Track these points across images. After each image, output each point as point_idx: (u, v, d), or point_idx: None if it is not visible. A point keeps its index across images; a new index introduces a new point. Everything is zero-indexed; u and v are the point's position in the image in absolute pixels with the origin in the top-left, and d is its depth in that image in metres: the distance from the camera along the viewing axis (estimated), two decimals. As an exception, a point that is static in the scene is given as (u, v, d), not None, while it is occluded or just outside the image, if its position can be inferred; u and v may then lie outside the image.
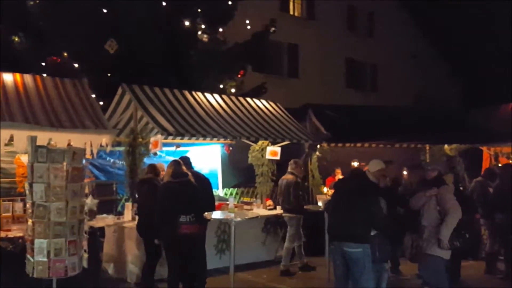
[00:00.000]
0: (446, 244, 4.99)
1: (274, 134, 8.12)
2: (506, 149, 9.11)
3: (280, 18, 14.24)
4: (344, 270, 4.81)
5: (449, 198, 5.09)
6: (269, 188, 8.55)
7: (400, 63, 19.75)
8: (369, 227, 4.68)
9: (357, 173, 5.17)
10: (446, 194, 5.11)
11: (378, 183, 5.10)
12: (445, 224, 4.99)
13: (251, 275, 7.02)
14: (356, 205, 4.64)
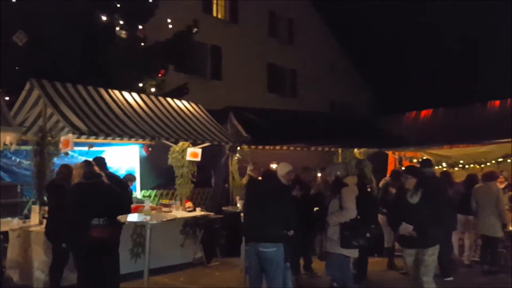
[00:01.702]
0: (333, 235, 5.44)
1: (195, 136, 8.09)
2: (409, 153, 9.92)
3: (203, 19, 14.20)
4: (258, 270, 4.94)
5: (347, 198, 5.43)
6: (189, 190, 8.49)
7: (318, 70, 20.68)
8: (283, 227, 4.85)
9: (269, 175, 5.30)
10: (345, 195, 5.45)
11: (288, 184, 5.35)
12: (335, 215, 5.39)
13: (167, 278, 6.93)
14: (269, 206, 4.79)
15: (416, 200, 5.04)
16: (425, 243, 5.02)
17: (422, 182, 5.09)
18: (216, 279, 7.03)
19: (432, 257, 5.09)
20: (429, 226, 4.96)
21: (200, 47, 15.43)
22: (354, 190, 5.77)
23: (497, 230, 7.21)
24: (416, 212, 5.00)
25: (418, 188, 5.05)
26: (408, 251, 5.20)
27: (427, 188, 5.10)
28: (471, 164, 8.82)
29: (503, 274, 7.18)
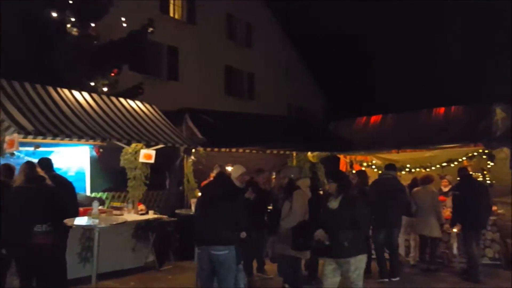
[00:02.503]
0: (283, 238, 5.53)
1: (148, 137, 7.94)
2: (359, 157, 10.24)
3: (160, 19, 14.03)
4: (209, 273, 4.94)
5: (296, 202, 5.55)
6: (141, 193, 8.34)
7: (275, 74, 20.93)
8: (235, 230, 4.87)
9: (222, 177, 5.31)
10: (295, 198, 5.57)
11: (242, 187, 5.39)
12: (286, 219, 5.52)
13: (117, 283, 6.78)
14: (221, 208, 4.80)
15: (335, 206, 4.77)
16: (341, 252, 4.66)
17: (342, 187, 4.82)
18: (168, 283, 6.95)
19: (356, 272, 4.73)
20: (346, 234, 4.59)
21: (156, 47, 15.21)
22: (306, 193, 5.91)
23: (435, 230, 7.61)
24: (334, 218, 4.72)
25: (339, 193, 4.79)
26: (327, 259, 4.88)
27: (347, 193, 4.82)
28: (417, 168, 9.22)
29: (443, 273, 7.58)
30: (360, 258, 4.76)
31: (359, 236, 4.74)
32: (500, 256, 8.06)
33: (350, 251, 4.65)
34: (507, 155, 7.93)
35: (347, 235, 4.58)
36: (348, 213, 4.64)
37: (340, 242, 4.58)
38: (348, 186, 4.95)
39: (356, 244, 4.67)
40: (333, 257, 4.77)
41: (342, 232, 4.59)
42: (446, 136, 8.57)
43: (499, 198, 8.70)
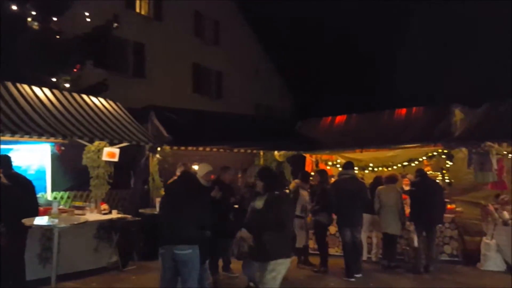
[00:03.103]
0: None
1: (112, 135, 7.79)
2: (324, 156, 10.40)
3: (125, 15, 13.77)
4: (172, 274, 4.89)
5: None
6: (105, 192, 8.16)
7: (244, 73, 20.92)
8: (199, 228, 4.85)
9: (187, 176, 5.26)
10: None
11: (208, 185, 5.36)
12: None
13: (79, 284, 6.63)
14: (186, 207, 4.77)
15: (260, 206, 4.51)
16: (263, 254, 4.40)
17: (268, 186, 4.56)
18: (131, 283, 6.85)
19: (271, 274, 4.37)
20: (268, 235, 4.32)
21: (121, 43, 14.91)
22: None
23: (397, 228, 7.86)
24: (258, 218, 4.48)
25: (265, 192, 4.54)
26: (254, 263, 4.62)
27: (273, 192, 4.52)
28: (380, 167, 9.46)
29: (401, 269, 7.84)
30: (281, 262, 4.41)
31: (283, 238, 4.41)
32: (458, 252, 8.41)
33: (271, 254, 4.36)
34: (465, 155, 8.23)
35: (269, 237, 4.30)
36: (273, 213, 4.36)
37: (262, 243, 4.32)
38: (274, 184, 4.64)
39: (278, 247, 4.36)
40: (256, 259, 4.53)
41: (264, 233, 4.32)
42: (407, 136, 8.82)
43: (457, 196, 9.08)
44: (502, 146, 8.06)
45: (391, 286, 6.97)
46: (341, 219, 7.38)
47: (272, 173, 5.07)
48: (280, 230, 4.35)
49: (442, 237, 8.47)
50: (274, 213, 4.36)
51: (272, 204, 4.42)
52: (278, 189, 4.62)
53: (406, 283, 7.15)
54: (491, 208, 7.83)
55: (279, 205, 4.45)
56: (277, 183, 4.76)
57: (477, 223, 8.36)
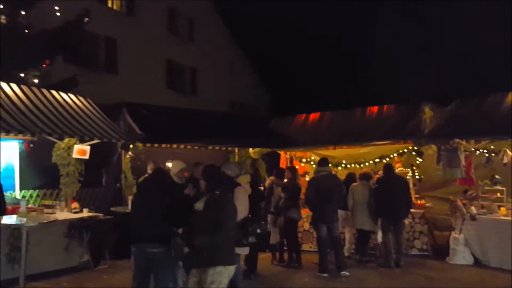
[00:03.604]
0: None
1: (82, 132, 7.62)
2: (299, 153, 10.48)
3: (97, 10, 13.48)
4: (145, 272, 4.82)
5: (238, 197, 5.57)
6: (75, 190, 8.00)
7: (219, 70, 20.85)
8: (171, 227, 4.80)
9: (160, 173, 5.20)
10: (238, 195, 5.59)
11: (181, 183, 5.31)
12: None
13: (49, 284, 6.49)
14: (159, 205, 4.71)
15: (201, 207, 4.20)
16: (199, 261, 4.05)
17: (212, 186, 4.25)
18: (103, 283, 6.74)
19: (213, 285, 4.01)
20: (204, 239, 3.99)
21: (93, 38, 14.59)
22: (247, 189, 5.93)
23: (370, 224, 8.02)
24: (197, 221, 4.16)
25: (207, 193, 4.27)
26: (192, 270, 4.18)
27: (214, 193, 4.21)
28: (352, 164, 9.60)
29: (373, 264, 8.01)
30: (220, 270, 4.03)
31: (223, 243, 4.06)
32: (428, 247, 8.64)
33: (209, 260, 4.00)
34: (435, 152, 8.43)
35: (205, 241, 3.96)
36: (212, 215, 4.02)
37: (199, 248, 3.97)
38: (217, 184, 4.29)
39: (217, 253, 4.00)
40: (193, 266, 4.13)
41: (202, 237, 3.97)
42: (379, 133, 8.97)
43: (427, 192, 9.31)
44: (470, 143, 8.30)
45: (362, 280, 7.09)
46: (318, 216, 7.42)
47: (216, 171, 4.69)
48: (218, 233, 3.98)
49: (412, 232, 8.69)
50: (213, 215, 4.00)
51: (211, 205, 4.09)
52: (220, 189, 4.26)
53: (377, 277, 7.30)
54: (460, 204, 8.05)
55: (219, 206, 4.10)
56: (220, 183, 4.39)
57: (446, 218, 8.59)
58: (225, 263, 4.05)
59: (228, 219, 4.15)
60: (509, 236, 7.43)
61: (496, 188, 8.34)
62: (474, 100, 8.59)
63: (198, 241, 3.97)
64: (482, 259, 7.86)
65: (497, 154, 8.21)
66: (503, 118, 7.77)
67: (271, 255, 8.09)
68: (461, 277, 7.20)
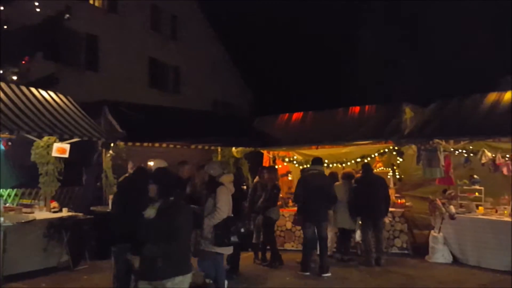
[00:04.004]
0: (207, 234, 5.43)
1: (62, 130, 7.49)
2: (282, 152, 10.51)
3: (78, 6, 13.29)
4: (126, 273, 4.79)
5: (219, 198, 5.56)
6: (54, 189, 7.88)
7: (202, 69, 20.76)
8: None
9: (142, 172, 5.14)
10: (219, 194, 5.58)
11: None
12: (210, 216, 5.48)
13: (27, 285, 6.38)
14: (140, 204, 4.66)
15: (152, 214, 3.81)
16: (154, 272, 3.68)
17: (165, 190, 3.87)
18: (83, 283, 6.66)
19: None
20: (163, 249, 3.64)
21: (74, 35, 14.38)
22: (230, 188, 5.91)
23: (352, 223, 8.10)
24: (149, 230, 3.76)
25: (159, 198, 3.85)
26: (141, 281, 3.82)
27: (168, 199, 3.82)
28: (335, 164, 9.67)
29: (354, 262, 8.09)
30: (179, 281, 3.73)
31: (180, 252, 3.78)
32: (408, 245, 8.76)
33: (166, 271, 3.68)
34: (415, 152, 8.55)
35: (159, 251, 3.65)
36: (166, 224, 3.69)
37: (155, 259, 3.63)
38: (171, 188, 3.90)
39: (175, 262, 3.72)
40: (145, 278, 3.77)
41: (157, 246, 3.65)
42: (361, 133, 9.04)
43: (407, 191, 9.45)
44: (449, 143, 8.45)
45: (343, 279, 7.16)
46: (307, 214, 7.40)
47: (169, 174, 4.29)
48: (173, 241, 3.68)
49: (393, 231, 8.80)
50: (168, 224, 3.69)
51: (165, 213, 3.75)
52: (175, 194, 3.88)
53: (358, 275, 7.37)
54: (439, 203, 8.19)
55: (174, 213, 3.77)
56: (175, 187, 3.97)
57: (426, 217, 8.73)
58: (184, 272, 3.79)
59: (185, 226, 3.86)
60: (487, 235, 7.60)
61: (475, 188, 8.52)
62: (454, 101, 8.74)
63: (151, 251, 3.65)
64: (461, 257, 8.01)
65: (476, 154, 8.38)
66: (481, 119, 7.93)
67: (253, 254, 8.10)
68: (440, 275, 7.33)
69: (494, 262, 7.50)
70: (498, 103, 8.02)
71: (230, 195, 5.88)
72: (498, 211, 8.02)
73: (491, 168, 8.19)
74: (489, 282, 6.85)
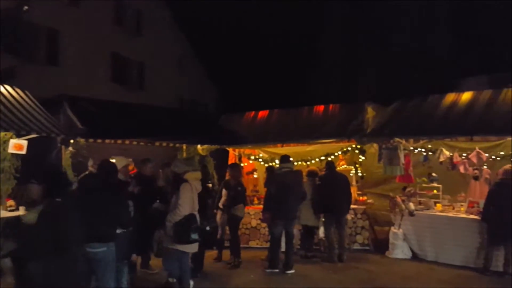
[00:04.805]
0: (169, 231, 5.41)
1: (18, 125, 7.17)
2: (247, 150, 10.51)
3: (38, -2, 12.80)
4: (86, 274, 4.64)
5: (181, 195, 5.51)
6: (11, 187, 7.54)
7: (168, 65, 20.46)
8: (115, 225, 4.66)
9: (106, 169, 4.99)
10: (181, 191, 5.53)
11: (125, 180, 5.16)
12: (172, 213, 5.42)
13: (-20, 287, 6.06)
14: (100, 203, 4.55)
15: (32, 219, 3.22)
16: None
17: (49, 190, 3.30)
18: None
19: None
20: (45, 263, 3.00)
21: (33, 28, 13.82)
22: (196, 186, 5.87)
23: (316, 220, 8.21)
24: (29, 238, 3.17)
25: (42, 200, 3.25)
26: None
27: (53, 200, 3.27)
28: (299, 161, 9.76)
29: (317, 259, 8.22)
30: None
31: (66, 267, 3.20)
32: (369, 242, 8.97)
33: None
34: (376, 150, 8.75)
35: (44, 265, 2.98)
36: (49, 231, 3.09)
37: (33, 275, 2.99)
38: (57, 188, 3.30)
39: (60, 279, 3.11)
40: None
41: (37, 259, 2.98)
42: (325, 132, 9.16)
43: (369, 189, 9.67)
44: (409, 142, 8.70)
45: (306, 275, 7.24)
46: (277, 212, 7.41)
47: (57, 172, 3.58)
48: (60, 252, 3.07)
49: (355, 228, 8.99)
50: (51, 231, 3.07)
51: (51, 217, 3.13)
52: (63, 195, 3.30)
53: (321, 272, 7.49)
54: (399, 200, 8.42)
55: (59, 218, 3.18)
56: (63, 187, 3.39)
57: (386, 214, 8.96)
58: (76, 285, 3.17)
59: (73, 233, 3.24)
60: (444, 231, 7.88)
61: (433, 185, 8.81)
62: (414, 101, 8.99)
63: (31, 266, 2.95)
64: (420, 253, 8.27)
65: (434, 153, 8.67)
66: (440, 119, 8.20)
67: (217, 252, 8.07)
68: (400, 270, 7.55)
69: (451, 257, 7.81)
70: (456, 104, 8.31)
71: (196, 192, 5.84)
72: (455, 208, 8.34)
73: (449, 166, 8.50)
74: (448, 277, 7.10)
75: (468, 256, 7.61)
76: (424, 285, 6.75)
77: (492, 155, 8.26)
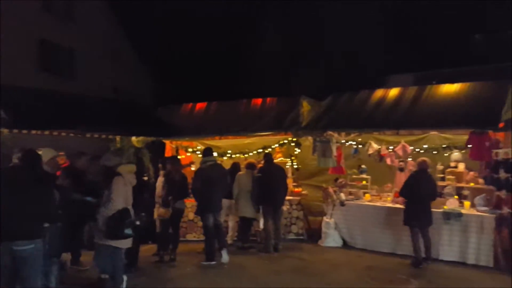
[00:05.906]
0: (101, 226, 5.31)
1: None
2: (185, 143, 10.40)
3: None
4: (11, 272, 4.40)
5: (115, 188, 5.38)
6: None
7: (101, 54, 19.57)
8: (42, 221, 4.44)
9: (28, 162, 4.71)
10: (114, 185, 5.39)
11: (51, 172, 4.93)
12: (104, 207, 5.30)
13: None
14: (26, 197, 4.31)
15: None
16: None
17: None
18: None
19: None
20: None
21: None
22: (130, 179, 5.72)
23: (253, 212, 8.36)
24: None
25: None
26: None
27: None
28: (237, 154, 9.84)
29: (254, 249, 8.38)
30: None
31: None
32: (303, 231, 9.28)
33: None
34: (311, 143, 9.04)
35: None
36: None
37: None
38: None
39: None
40: None
41: None
42: (262, 125, 9.27)
43: (304, 180, 9.99)
44: (341, 135, 9.09)
45: (243, 266, 7.36)
46: (205, 205, 7.47)
47: None
48: None
49: (290, 218, 9.26)
50: None
51: None
52: None
53: (257, 262, 7.65)
54: (331, 190, 8.79)
55: None
56: None
57: (319, 204, 9.33)
58: None
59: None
60: (372, 220, 8.34)
61: (362, 177, 9.30)
62: (345, 96, 9.32)
63: None
64: (350, 241, 8.69)
65: (364, 145, 9.14)
66: (369, 113, 8.61)
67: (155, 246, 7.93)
68: (331, 257, 7.91)
69: (378, 245, 8.28)
70: (384, 99, 8.75)
71: (130, 186, 5.71)
72: (382, 198, 8.85)
73: (377, 158, 9.00)
74: (375, 264, 7.51)
75: (395, 244, 8.09)
76: (353, 271, 7.11)
77: (416, 148, 8.82)
